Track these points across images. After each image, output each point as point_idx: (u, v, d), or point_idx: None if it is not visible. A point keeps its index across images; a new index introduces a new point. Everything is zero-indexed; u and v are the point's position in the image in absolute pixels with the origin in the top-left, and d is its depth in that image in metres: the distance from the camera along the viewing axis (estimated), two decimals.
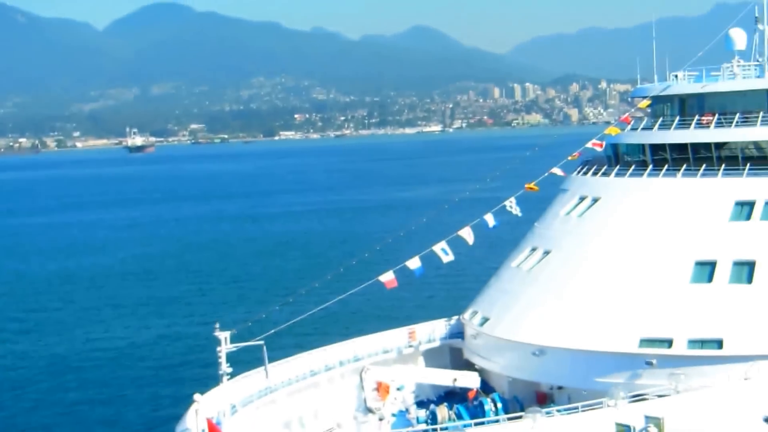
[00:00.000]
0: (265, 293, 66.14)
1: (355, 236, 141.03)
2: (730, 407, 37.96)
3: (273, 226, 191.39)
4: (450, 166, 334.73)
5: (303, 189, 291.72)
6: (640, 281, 44.73)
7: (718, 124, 49.93)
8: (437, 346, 51.39)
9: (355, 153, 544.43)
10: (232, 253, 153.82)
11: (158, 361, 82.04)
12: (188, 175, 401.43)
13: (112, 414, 68.73)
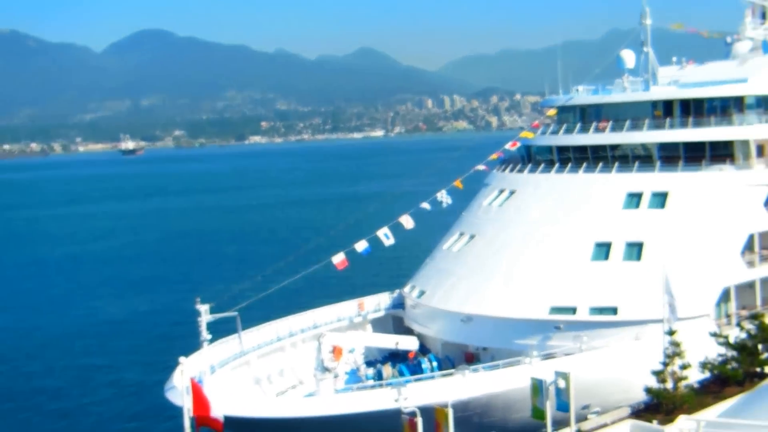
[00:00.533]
0: (239, 272, 66.07)
1: (313, 224, 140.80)
2: (624, 362, 38.52)
3: (244, 216, 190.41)
4: (391, 165, 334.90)
5: (269, 184, 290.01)
6: (550, 259, 45.13)
7: (612, 129, 50.44)
8: (382, 315, 51.49)
9: (312, 154, 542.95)
10: (210, 238, 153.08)
11: (149, 330, 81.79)
12: (173, 174, 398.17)
13: (113, 375, 68.42)
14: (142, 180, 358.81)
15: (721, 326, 41.29)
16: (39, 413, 60.10)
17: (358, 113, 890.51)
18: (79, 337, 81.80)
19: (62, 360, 73.97)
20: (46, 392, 64.89)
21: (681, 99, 50.51)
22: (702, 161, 47.49)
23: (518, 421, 34.03)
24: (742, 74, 52.69)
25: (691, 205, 45.47)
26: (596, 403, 35.99)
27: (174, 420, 25.36)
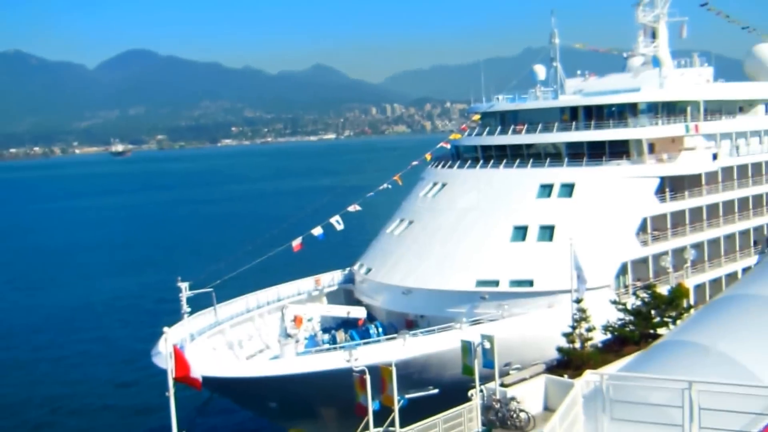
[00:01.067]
0: (214, 254, 65.13)
1: (276, 213, 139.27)
2: (539, 327, 38.65)
3: (218, 207, 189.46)
4: (342, 163, 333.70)
5: (238, 180, 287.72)
6: (476, 240, 45.10)
7: (528, 131, 50.55)
8: (335, 289, 51.19)
9: (274, 154, 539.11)
10: (189, 226, 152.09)
11: (136, 305, 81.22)
12: (156, 172, 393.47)
13: (106, 344, 68.07)
14: (129, 177, 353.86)
15: (620, 295, 41.62)
16: (41, 380, 59.34)
17: (313, 119, 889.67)
18: (77, 313, 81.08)
19: (61, 332, 73.22)
20: (47, 361, 64.17)
21: (584, 105, 50.77)
22: (603, 157, 47.80)
23: (451, 377, 33.87)
24: (636, 84, 53.32)
25: (593, 194, 45.78)
26: (516, 361, 35.98)
27: (159, 379, 24.91)
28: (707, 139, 52.38)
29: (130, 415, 50.53)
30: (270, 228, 54.98)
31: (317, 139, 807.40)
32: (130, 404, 52.13)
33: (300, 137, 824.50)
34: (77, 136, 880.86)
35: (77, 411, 52.47)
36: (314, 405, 36.39)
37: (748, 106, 59.89)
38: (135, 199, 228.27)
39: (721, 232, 52.25)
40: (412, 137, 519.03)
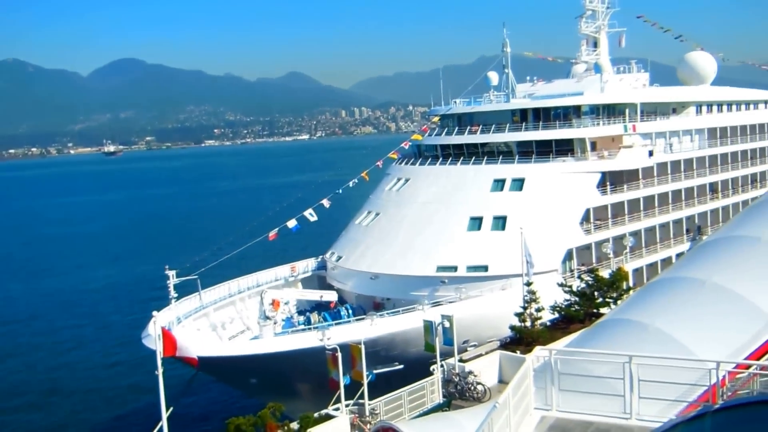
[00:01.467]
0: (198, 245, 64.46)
1: (255, 206, 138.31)
2: (494, 307, 38.70)
3: (202, 201, 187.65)
4: (315, 161, 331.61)
5: (221, 177, 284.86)
6: (436, 230, 45.05)
7: (482, 131, 50.57)
8: (309, 275, 50.86)
9: (253, 153, 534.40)
10: (175, 219, 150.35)
11: (127, 292, 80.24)
12: (145, 170, 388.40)
13: (99, 329, 67.21)
14: (120, 175, 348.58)
15: (566, 278, 41.82)
16: (38, 362, 58.51)
17: (288, 121, 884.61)
18: (72, 300, 79.96)
19: (57, 318, 72.16)
20: (44, 344, 63.22)
21: (533, 108, 50.91)
22: (550, 155, 47.98)
23: (415, 353, 33.80)
24: (579, 89, 53.54)
25: (542, 187, 45.93)
26: (473, 339, 36.02)
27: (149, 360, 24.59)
28: (644, 137, 52.87)
29: (122, 393, 49.93)
30: (250, 220, 54.58)
31: (292, 139, 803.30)
32: (122, 383, 51.52)
33: (276, 138, 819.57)
34: (72, 138, 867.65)
35: (73, 390, 51.75)
36: (291, 381, 36.14)
37: (680, 108, 60.50)
38: (125, 195, 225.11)
39: (656, 222, 52.78)
40: (379, 137, 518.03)
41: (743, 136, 64.68)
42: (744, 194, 62.24)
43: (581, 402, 13.54)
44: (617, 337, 18.37)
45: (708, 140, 60.07)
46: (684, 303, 18.31)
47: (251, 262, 50.85)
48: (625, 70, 59.75)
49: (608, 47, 61.27)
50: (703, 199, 58.17)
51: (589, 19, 60.18)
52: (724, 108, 65.24)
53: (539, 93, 55.64)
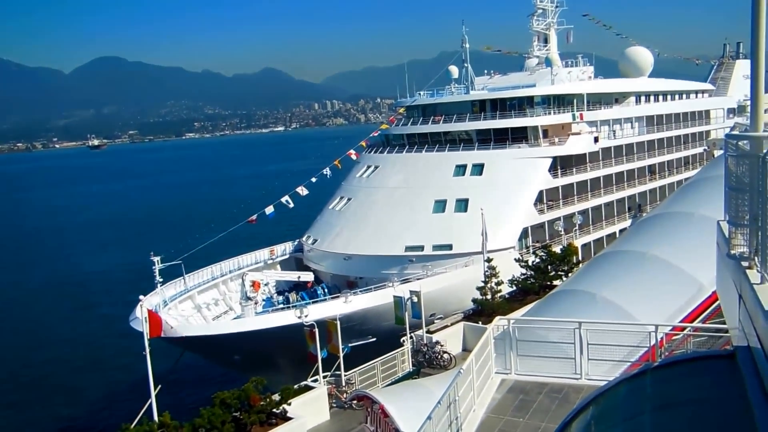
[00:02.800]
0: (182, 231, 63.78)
1: (234, 194, 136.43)
2: (458, 282, 39.01)
3: (185, 190, 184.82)
4: (291, 151, 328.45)
5: (202, 167, 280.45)
6: (404, 213, 45.17)
7: (445, 121, 50.74)
8: (287, 258, 50.65)
9: (232, 145, 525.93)
10: (160, 208, 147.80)
11: (115, 278, 78.78)
12: (129, 162, 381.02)
13: (89, 313, 66.03)
14: (106, 167, 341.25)
15: (523, 254, 42.28)
16: (32, 345, 57.45)
17: (264, 114, 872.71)
18: (62, 286, 78.41)
19: (49, 304, 70.81)
20: (36, 329, 62.04)
21: (491, 99, 51.19)
22: (506, 142, 48.32)
23: (386, 327, 34.04)
24: (532, 81, 53.95)
25: (499, 172, 46.27)
26: (440, 312, 36.34)
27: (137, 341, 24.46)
28: (590, 125, 53.49)
29: (112, 374, 49.18)
30: (230, 207, 54.24)
31: (268, 131, 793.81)
32: (112, 365, 50.71)
33: (253, 130, 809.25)
34: (57, 133, 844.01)
35: (65, 372, 50.88)
36: (272, 356, 36.09)
37: (622, 98, 61.29)
38: (111, 187, 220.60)
39: (602, 201, 53.55)
40: (350, 128, 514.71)
41: (677, 123, 65.87)
42: (678, 175, 63.43)
43: (537, 365, 13.84)
44: (568, 306, 18.80)
45: (646, 127, 61.04)
46: (626, 273, 18.78)
47: (232, 247, 50.36)
48: (573, 63, 60.31)
49: (557, 43, 61.84)
50: (643, 180, 59.22)
51: (539, 17, 60.63)
52: (660, 98, 66.35)
53: (496, 85, 55.97)
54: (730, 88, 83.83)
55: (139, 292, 28.12)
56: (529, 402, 12.94)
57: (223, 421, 19.77)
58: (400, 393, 19.54)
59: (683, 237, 18.48)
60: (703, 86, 76.30)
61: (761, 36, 6.58)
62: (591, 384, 12.72)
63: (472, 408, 12.58)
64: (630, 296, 17.41)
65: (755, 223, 6.41)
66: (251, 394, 20.75)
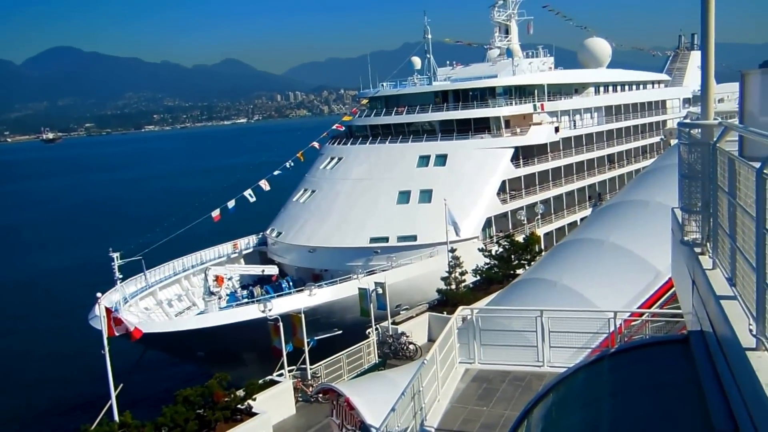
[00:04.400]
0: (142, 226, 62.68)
1: (196, 188, 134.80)
2: (423, 273, 39.21)
3: (145, 184, 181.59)
4: (254, 143, 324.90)
5: (163, 160, 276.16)
6: (368, 204, 45.17)
7: (408, 112, 50.77)
8: (251, 251, 50.29)
9: (194, 137, 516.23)
10: (119, 203, 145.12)
11: (73, 275, 76.97)
12: (86, 156, 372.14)
13: (45, 312, 64.52)
14: (61, 161, 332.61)
15: (486, 244, 42.68)
16: None
17: (226, 106, 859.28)
18: (19, 285, 76.39)
19: (6, 303, 68.87)
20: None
21: (453, 90, 51.40)
22: (469, 132, 48.62)
23: (351, 319, 34.09)
24: (494, 72, 54.32)
25: (462, 162, 46.57)
26: (405, 303, 36.52)
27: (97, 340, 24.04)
28: (551, 115, 54.13)
29: (71, 375, 47.83)
30: (192, 201, 53.43)
31: (230, 123, 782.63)
32: (71, 365, 49.38)
33: (215, 122, 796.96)
34: (9, 126, 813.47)
35: (21, 374, 49.46)
36: (237, 351, 35.87)
37: (581, 89, 62.12)
38: (68, 181, 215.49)
39: (563, 190, 54.30)
40: (313, 120, 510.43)
41: (635, 113, 67.11)
42: (636, 164, 64.68)
43: (500, 354, 13.98)
44: (531, 294, 19.04)
45: (605, 117, 62.05)
46: (587, 261, 19.10)
47: (195, 242, 49.63)
48: (533, 54, 60.94)
49: (518, 34, 62.31)
50: (602, 169, 60.23)
51: (500, 8, 61.04)
52: (618, 88, 67.49)
53: (458, 76, 56.20)
54: (685, 79, 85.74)
55: (98, 289, 27.56)
56: (492, 390, 13.07)
57: (186, 419, 19.56)
58: (366, 385, 19.57)
59: (640, 224, 18.85)
60: (659, 77, 77.82)
61: (711, 28, 6.72)
62: (553, 371, 12.89)
63: (437, 398, 12.67)
64: (590, 283, 17.72)
65: (707, 210, 6.57)
66: (215, 390, 20.57)
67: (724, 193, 5.68)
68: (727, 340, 4.94)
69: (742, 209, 4.97)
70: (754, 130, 5.17)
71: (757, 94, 6.21)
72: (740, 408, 4.53)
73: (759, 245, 4.29)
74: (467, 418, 12.24)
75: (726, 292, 5.40)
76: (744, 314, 4.84)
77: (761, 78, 6.31)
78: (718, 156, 6.01)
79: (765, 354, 4.26)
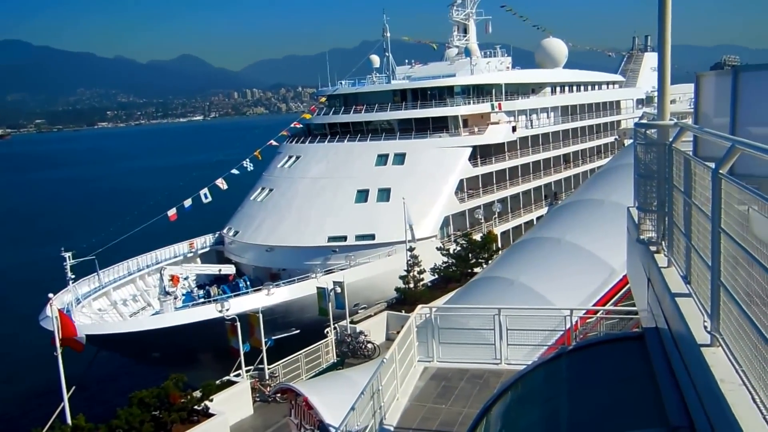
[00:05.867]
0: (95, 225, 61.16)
1: (150, 187, 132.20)
2: (381, 272, 39.20)
3: (98, 183, 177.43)
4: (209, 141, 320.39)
5: (117, 158, 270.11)
6: (326, 203, 44.98)
7: (366, 110, 50.76)
8: (208, 251, 49.62)
9: (148, 135, 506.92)
10: (71, 201, 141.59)
11: (23, 275, 74.72)
12: (36, 153, 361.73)
13: None
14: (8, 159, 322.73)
15: (444, 243, 42.93)
16: None
17: (182, 103, 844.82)
18: None
19: None
20: None
21: (412, 89, 51.55)
22: (427, 131, 48.81)
23: (309, 318, 33.90)
24: (452, 71, 54.66)
25: (421, 161, 46.73)
26: (363, 301, 36.49)
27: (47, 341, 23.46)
28: (508, 115, 54.72)
29: (22, 378, 46.56)
30: (147, 200, 52.43)
31: (186, 120, 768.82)
32: (22, 368, 48.10)
33: (171, 119, 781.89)
34: None
35: None
36: (193, 352, 35.31)
37: (538, 88, 62.96)
38: (16, 178, 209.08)
39: (520, 189, 54.96)
40: (270, 118, 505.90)
41: (590, 113, 68.34)
42: (591, 163, 65.89)
43: (459, 352, 14.05)
44: (488, 292, 19.21)
45: (561, 117, 63.03)
46: (543, 259, 19.35)
47: (150, 241, 48.70)
48: (491, 54, 61.52)
49: (476, 33, 62.83)
50: (558, 169, 61.20)
51: (459, 8, 61.45)
52: (574, 88, 68.61)
53: (417, 75, 56.39)
54: (639, 80, 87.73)
55: (49, 290, 26.84)
56: (450, 388, 13.12)
57: (141, 421, 19.18)
58: (325, 384, 19.48)
59: (596, 223, 19.20)
60: (614, 77, 79.42)
61: (668, 31, 6.84)
62: (510, 368, 13.00)
63: (396, 397, 12.67)
64: (546, 281, 17.96)
65: (662, 209, 6.68)
66: (171, 391, 20.21)
67: (680, 192, 5.77)
68: (682, 336, 5.02)
69: (698, 208, 5.05)
70: (710, 131, 5.27)
71: (712, 95, 6.34)
72: (695, 403, 4.60)
73: (714, 244, 4.36)
74: (426, 416, 12.26)
75: (681, 289, 5.49)
76: (698, 311, 4.93)
77: (715, 80, 6.44)
78: (674, 156, 6.11)
79: (719, 350, 4.34)
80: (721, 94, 5.98)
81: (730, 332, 4.18)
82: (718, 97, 6.11)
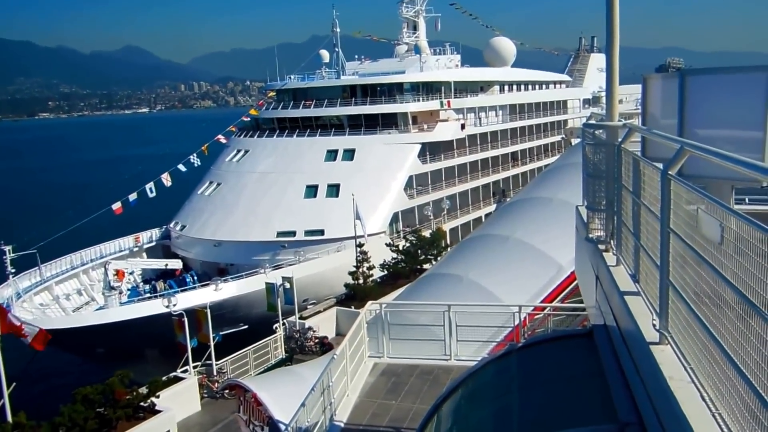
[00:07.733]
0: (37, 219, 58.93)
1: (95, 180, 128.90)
2: (330, 268, 39.05)
3: (40, 175, 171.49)
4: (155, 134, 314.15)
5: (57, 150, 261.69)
6: (275, 198, 44.56)
7: (315, 105, 50.45)
8: (154, 245, 48.52)
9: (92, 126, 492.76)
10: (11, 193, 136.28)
11: None
12: None
13: None
14: None
15: (393, 239, 43.01)
16: None
17: (127, 95, 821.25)
18: None
19: None
20: None
21: (361, 85, 51.47)
22: (377, 128, 48.81)
23: (258, 314, 33.55)
24: (402, 68, 54.77)
25: (370, 157, 46.71)
26: (312, 297, 36.29)
27: None
28: (457, 112, 55.17)
29: None
30: (91, 193, 51.04)
31: (131, 112, 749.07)
32: None
33: (115, 111, 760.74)
34: None
35: None
36: (139, 347, 34.54)
37: (487, 86, 63.64)
38: None
39: (468, 186, 55.49)
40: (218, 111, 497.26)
41: (537, 112, 69.46)
42: (538, 162, 67.02)
43: (408, 348, 14.06)
44: (438, 288, 19.31)
45: (509, 115, 63.86)
46: (492, 256, 19.56)
47: (94, 235, 47.37)
48: (441, 51, 61.81)
49: (426, 31, 63.12)
50: (506, 167, 62.02)
51: (408, 4, 61.62)
52: (522, 87, 69.58)
53: (366, 71, 56.24)
54: (585, 80, 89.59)
55: None
56: (401, 384, 13.13)
57: (85, 418, 18.65)
58: (273, 380, 19.30)
59: (544, 221, 19.50)
60: (560, 77, 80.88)
61: (616, 32, 6.94)
62: (460, 364, 13.08)
63: (346, 393, 12.60)
64: (495, 278, 18.16)
65: (611, 209, 6.78)
66: (116, 388, 19.71)
67: (629, 192, 5.87)
68: (631, 334, 5.09)
69: (646, 208, 5.13)
70: (659, 133, 5.36)
71: (658, 97, 6.45)
72: (644, 400, 4.68)
73: (663, 243, 4.43)
74: (376, 412, 12.24)
75: (629, 287, 5.58)
76: (647, 309, 5.01)
77: (662, 82, 6.57)
78: (623, 156, 6.21)
79: (668, 348, 4.41)
80: (667, 96, 6.09)
81: (678, 330, 4.25)
82: (665, 99, 6.22)
